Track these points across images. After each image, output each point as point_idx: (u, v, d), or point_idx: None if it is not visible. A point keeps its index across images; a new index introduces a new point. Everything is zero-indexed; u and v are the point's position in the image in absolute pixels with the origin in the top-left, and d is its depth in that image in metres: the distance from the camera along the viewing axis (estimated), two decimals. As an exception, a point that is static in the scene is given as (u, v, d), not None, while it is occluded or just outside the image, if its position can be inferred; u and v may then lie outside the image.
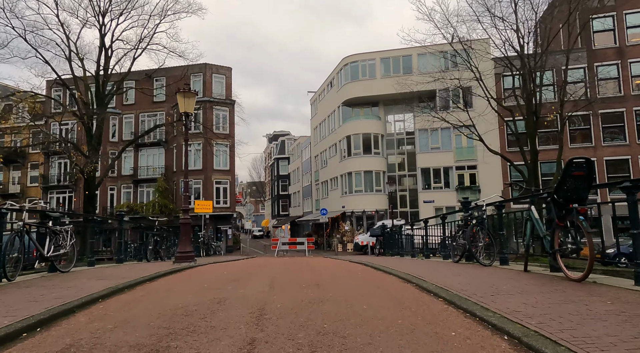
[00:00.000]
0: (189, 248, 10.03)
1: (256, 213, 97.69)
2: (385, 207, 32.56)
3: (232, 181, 35.52)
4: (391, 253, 15.98)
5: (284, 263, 11.88)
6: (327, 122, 39.02)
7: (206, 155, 34.14)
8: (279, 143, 66.23)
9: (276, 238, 24.23)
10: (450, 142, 30.78)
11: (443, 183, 30.84)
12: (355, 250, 28.09)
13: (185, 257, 9.76)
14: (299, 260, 15.61)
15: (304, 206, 48.63)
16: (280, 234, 24.74)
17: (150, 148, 36.39)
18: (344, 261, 12.23)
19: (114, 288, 4.90)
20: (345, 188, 33.73)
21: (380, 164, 32.84)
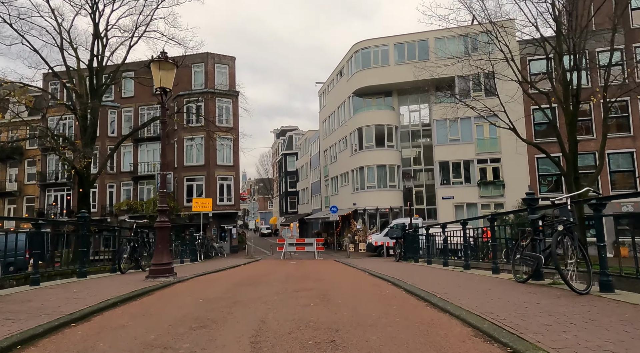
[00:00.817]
0: (167, 259, 7.94)
1: (264, 211, 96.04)
2: (400, 204, 30.29)
3: (237, 177, 33.55)
4: (414, 259, 13.75)
5: (288, 275, 9.73)
6: (337, 114, 36.75)
7: (208, 150, 32.18)
8: (286, 138, 64.19)
9: (282, 238, 22.09)
10: (470, 133, 28.34)
11: (463, 178, 28.43)
12: (368, 250, 25.91)
13: (160, 271, 7.66)
14: (308, 268, 13.46)
15: (312, 203, 46.54)
16: (287, 234, 22.62)
17: (150, 143, 34.55)
18: (364, 273, 9.98)
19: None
20: (357, 184, 31.50)
21: (395, 157, 30.52)
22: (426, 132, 31.82)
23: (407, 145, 32.16)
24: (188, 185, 32.48)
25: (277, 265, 16.16)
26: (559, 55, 17.63)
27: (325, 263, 16.97)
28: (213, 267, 12.50)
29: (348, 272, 10.57)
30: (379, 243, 24.88)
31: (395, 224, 25.18)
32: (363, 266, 12.16)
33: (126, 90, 35.41)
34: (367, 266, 12.40)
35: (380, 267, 11.89)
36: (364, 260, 18.07)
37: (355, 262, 16.00)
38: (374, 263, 14.59)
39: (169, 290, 6.64)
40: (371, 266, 12.36)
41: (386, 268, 11.20)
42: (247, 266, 15.13)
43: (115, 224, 34.01)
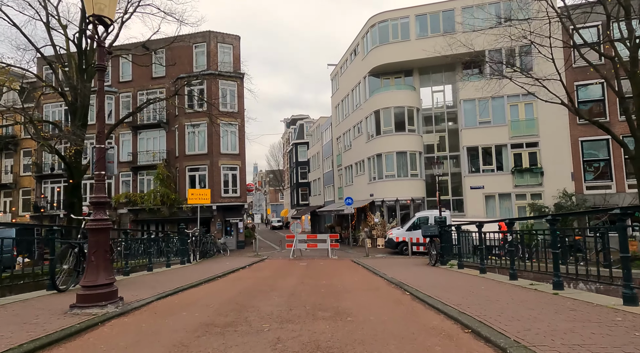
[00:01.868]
0: (104, 277, 5.20)
1: (275, 203, 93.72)
2: (422, 194, 27.29)
3: (243, 167, 30.93)
4: (457, 264, 10.83)
5: (294, 291, 6.92)
6: (351, 97, 33.70)
7: (212, 137, 29.55)
8: (297, 127, 61.36)
9: (292, 234, 19.38)
10: (503, 114, 25.07)
11: (495, 165, 25.24)
12: (388, 247, 23.06)
13: (94, 297, 4.96)
14: (321, 274, 10.66)
15: (325, 195, 43.79)
16: (297, 229, 19.89)
17: (149, 130, 32.08)
18: (405, 294, 7.05)
19: None
20: (374, 173, 28.57)
21: (416, 143, 27.45)
22: (451, 114, 28.61)
23: (429, 129, 29.02)
24: (190, 176, 29.96)
25: (284, 267, 13.44)
26: (626, 11, 14.36)
27: (342, 265, 14.17)
28: (199, 275, 9.80)
29: (379, 290, 7.71)
30: (401, 239, 22.03)
31: (420, 217, 22.30)
32: (395, 276, 9.28)
33: (124, 73, 32.93)
34: (399, 274, 9.55)
35: (419, 276, 9.02)
36: (389, 261, 15.21)
37: (379, 264, 13.15)
38: (404, 268, 11.71)
39: (95, 337, 3.91)
40: (404, 274, 9.52)
41: (430, 280, 8.34)
42: (247, 270, 12.44)
43: (114, 218, 31.88)
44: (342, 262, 15.60)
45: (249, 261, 16.13)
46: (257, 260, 17.24)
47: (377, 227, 26.71)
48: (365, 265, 13.19)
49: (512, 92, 22.78)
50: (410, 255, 18.08)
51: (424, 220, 22.21)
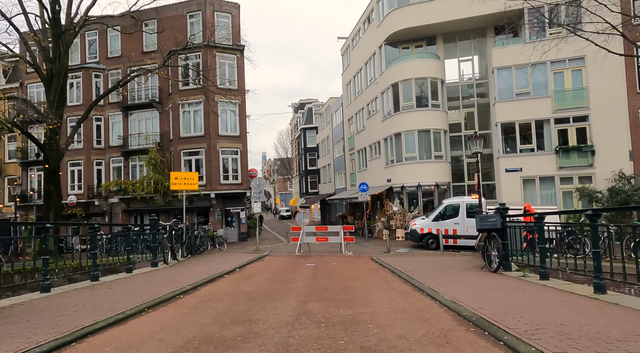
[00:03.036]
0: None
1: (284, 192, 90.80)
2: (447, 179, 23.84)
3: (244, 150, 27.76)
4: (540, 273, 7.46)
5: (284, 343, 3.61)
6: (365, 71, 30.11)
7: (209, 117, 26.39)
8: (305, 111, 57.96)
9: (298, 226, 16.21)
10: (545, 83, 21.36)
11: (535, 143, 21.62)
12: (410, 239, 19.77)
13: None
14: (335, 285, 7.40)
15: (335, 182, 40.53)
16: (304, 220, 16.73)
17: (141, 111, 29.00)
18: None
19: None
20: (392, 155, 25.14)
21: (440, 119, 23.89)
22: (481, 88, 24.96)
23: (454, 105, 25.41)
24: (186, 160, 26.92)
25: (285, 271, 10.24)
26: None
27: (362, 268, 10.91)
28: (152, 292, 6.64)
29: (450, 344, 4.38)
30: (426, 231, 18.71)
31: (448, 205, 18.96)
32: (454, 295, 5.96)
33: (112, 49, 29.79)
34: (456, 291, 6.25)
35: (494, 297, 5.67)
36: (420, 261, 11.86)
37: (411, 266, 9.84)
38: (454, 275, 8.39)
39: None
40: (464, 291, 6.22)
41: (527, 309, 4.98)
42: (232, 277, 9.26)
43: (104, 208, 29.11)
44: (360, 262, 12.36)
45: (244, 260, 13.00)
46: (256, 257, 14.11)
47: (395, 217, 23.41)
48: (393, 268, 9.92)
49: (557, 57, 19.20)
50: (441, 251, 14.79)
51: (453, 209, 18.92)
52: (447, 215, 18.84)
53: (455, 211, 18.78)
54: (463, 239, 18.18)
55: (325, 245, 18.20)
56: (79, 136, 29.01)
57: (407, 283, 7.70)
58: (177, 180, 14.79)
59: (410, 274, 8.47)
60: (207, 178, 26.34)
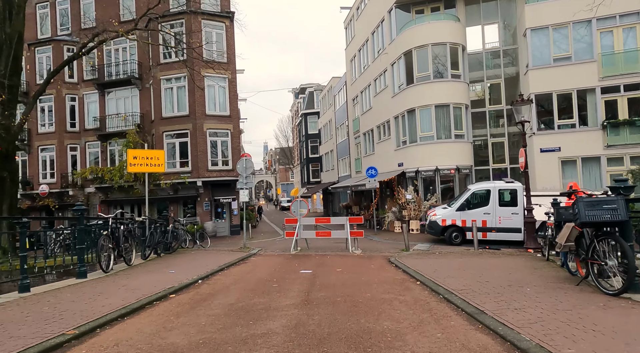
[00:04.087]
0: None
1: (286, 182, 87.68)
2: (469, 162, 20.50)
3: (236, 132, 24.48)
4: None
5: None
6: (372, 42, 26.61)
7: (194, 94, 23.09)
8: (306, 96, 54.48)
9: (293, 218, 13.00)
10: (591, 45, 17.88)
11: (577, 118, 18.22)
12: (429, 232, 16.53)
13: None
14: (343, 323, 4.01)
15: (339, 169, 37.27)
16: (300, 210, 13.45)
17: (119, 89, 25.69)
18: None
19: None
20: (404, 135, 21.80)
21: (461, 92, 20.46)
22: (508, 57, 21.48)
23: (477, 76, 21.97)
24: (169, 144, 23.69)
25: (270, 283, 7.00)
26: None
27: (379, 276, 7.65)
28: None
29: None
30: (449, 222, 15.48)
31: (476, 192, 15.70)
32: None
33: (86, 19, 26.35)
34: (582, 344, 2.91)
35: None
36: (459, 265, 8.46)
37: (454, 276, 6.51)
38: (549, 306, 4.91)
39: None
40: (593, 341, 2.90)
41: None
42: (186, 296, 6.02)
43: (80, 198, 26.00)
44: (374, 267, 9.11)
45: (220, 262, 9.83)
46: (238, 258, 10.93)
47: (409, 206, 20.15)
48: (429, 280, 6.67)
49: (605, 13, 15.75)
50: (476, 249, 11.53)
51: (482, 196, 15.67)
52: (474, 203, 15.62)
53: (484, 199, 15.54)
54: (494, 232, 14.97)
55: (327, 240, 15.04)
56: (50, 118, 25.85)
57: (472, 321, 4.42)
58: (136, 161, 11.52)
59: (467, 297, 5.23)
60: (193, 163, 23.16)
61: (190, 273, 7.99)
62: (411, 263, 8.82)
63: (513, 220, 14.77)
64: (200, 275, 7.80)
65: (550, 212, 9.15)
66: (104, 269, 7.91)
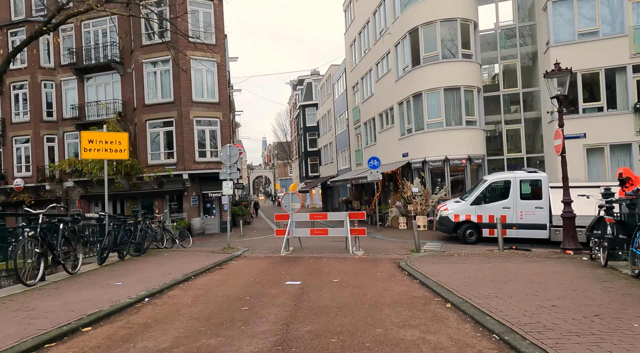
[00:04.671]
0: None
1: (284, 178, 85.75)
2: (481, 151, 18.55)
3: (226, 120, 22.50)
4: None
5: None
6: (373, 23, 24.56)
7: (179, 79, 21.11)
8: (304, 87, 52.45)
9: (284, 214, 11.03)
10: (620, 18, 15.88)
11: (605, 100, 16.26)
12: (440, 229, 14.63)
13: None
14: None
15: (338, 162, 35.34)
16: (292, 204, 11.51)
17: (100, 74, 23.66)
18: None
19: None
20: (409, 123, 19.84)
21: (473, 74, 18.47)
22: (524, 37, 19.47)
23: (490, 57, 19.99)
24: (152, 133, 21.75)
25: (239, 304, 5.01)
26: None
27: (390, 292, 5.64)
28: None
29: None
30: (463, 218, 13.58)
31: (494, 183, 13.83)
32: None
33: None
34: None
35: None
36: (500, 274, 6.48)
37: (496, 295, 4.55)
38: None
39: None
40: None
41: None
42: (128, 320, 4.00)
43: (58, 193, 24.08)
44: (382, 276, 7.18)
45: (193, 267, 7.94)
46: (215, 263, 9.03)
47: (415, 200, 18.22)
48: (463, 301, 4.75)
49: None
50: (501, 249, 9.61)
51: (500, 188, 13.81)
52: (492, 196, 13.74)
53: (502, 191, 13.67)
54: (515, 229, 13.09)
55: (324, 239, 13.15)
56: (25, 106, 23.85)
57: None
58: (92, 145, 9.54)
59: (546, 344, 3.28)
60: (179, 154, 21.22)
61: (141, 286, 6.08)
62: (429, 271, 6.91)
63: (537, 215, 12.90)
64: (152, 289, 5.89)
65: (606, 205, 7.23)
66: (24, 282, 5.98)
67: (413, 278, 6.68)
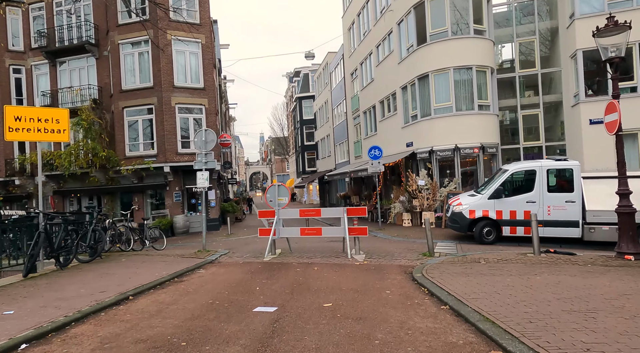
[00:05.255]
0: None
1: (281, 173, 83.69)
2: (495, 139, 16.56)
3: (211, 107, 20.46)
4: None
5: None
6: (373, 1, 22.48)
7: (159, 62, 19.07)
8: (300, 79, 50.44)
9: (270, 210, 8.98)
10: (658, -15, 13.87)
11: (638, 79, 14.28)
12: (452, 226, 12.69)
13: None
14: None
15: (336, 156, 33.35)
16: (278, 199, 9.51)
17: (74, 58, 21.55)
18: None
19: None
20: (414, 109, 17.84)
21: (485, 52, 16.45)
22: (543, 8, 17.44)
23: (504, 34, 17.97)
24: (130, 122, 19.73)
25: (186, 346, 2.94)
26: None
27: (410, 331, 3.55)
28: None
29: None
30: (479, 214, 11.68)
31: (515, 173, 11.92)
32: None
33: (33, -25, 22.08)
34: None
35: None
36: (565, 296, 4.55)
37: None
38: None
39: None
40: None
41: None
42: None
43: (29, 188, 22.05)
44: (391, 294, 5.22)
45: (143, 280, 6.00)
46: (173, 275, 7.07)
47: (421, 194, 16.26)
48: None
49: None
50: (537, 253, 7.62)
51: (523, 179, 11.93)
52: (513, 189, 11.84)
53: (526, 183, 11.77)
54: (541, 227, 11.13)
55: (317, 240, 11.20)
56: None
57: None
58: (20, 124, 7.53)
59: None
60: (159, 145, 19.21)
61: (39, 317, 4.13)
62: (459, 288, 4.96)
63: (567, 210, 10.99)
64: (46, 325, 3.92)
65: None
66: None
67: (438, 301, 4.73)
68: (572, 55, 15.23)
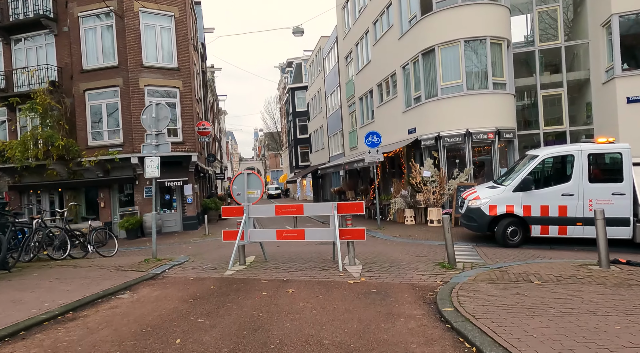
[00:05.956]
0: None
1: (275, 169, 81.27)
2: (512, 123, 14.24)
3: (188, 91, 18.01)
4: None
5: None
6: (369, -29, 20.08)
7: (124, 37, 16.60)
8: (293, 69, 48.02)
9: (237, 207, 6.54)
10: None
11: (687, 49, 12.05)
12: (466, 225, 10.43)
13: None
14: None
15: (330, 148, 31.01)
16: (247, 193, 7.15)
17: (30, 35, 18.96)
18: None
19: None
20: (417, 90, 15.50)
21: (501, 22, 14.12)
22: (564, -29, 15.14)
23: (522, 3, 15.66)
24: (93, 107, 17.25)
25: None
26: None
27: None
28: None
29: None
30: (502, 211, 9.43)
31: (547, 159, 9.68)
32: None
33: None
34: None
35: None
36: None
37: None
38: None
39: None
40: None
41: None
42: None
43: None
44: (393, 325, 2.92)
45: (20, 316, 3.59)
46: (82, 301, 4.69)
47: (426, 187, 13.96)
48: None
49: None
50: (605, 265, 5.41)
51: (557, 167, 9.74)
52: (545, 178, 9.63)
53: (561, 171, 9.59)
54: (581, 226, 8.96)
55: (304, 244, 8.89)
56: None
57: None
58: None
59: None
60: (126, 133, 16.78)
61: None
62: (537, 346, 2.68)
63: (615, 205, 8.75)
64: None
65: None
66: None
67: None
68: (605, 22, 12.96)
